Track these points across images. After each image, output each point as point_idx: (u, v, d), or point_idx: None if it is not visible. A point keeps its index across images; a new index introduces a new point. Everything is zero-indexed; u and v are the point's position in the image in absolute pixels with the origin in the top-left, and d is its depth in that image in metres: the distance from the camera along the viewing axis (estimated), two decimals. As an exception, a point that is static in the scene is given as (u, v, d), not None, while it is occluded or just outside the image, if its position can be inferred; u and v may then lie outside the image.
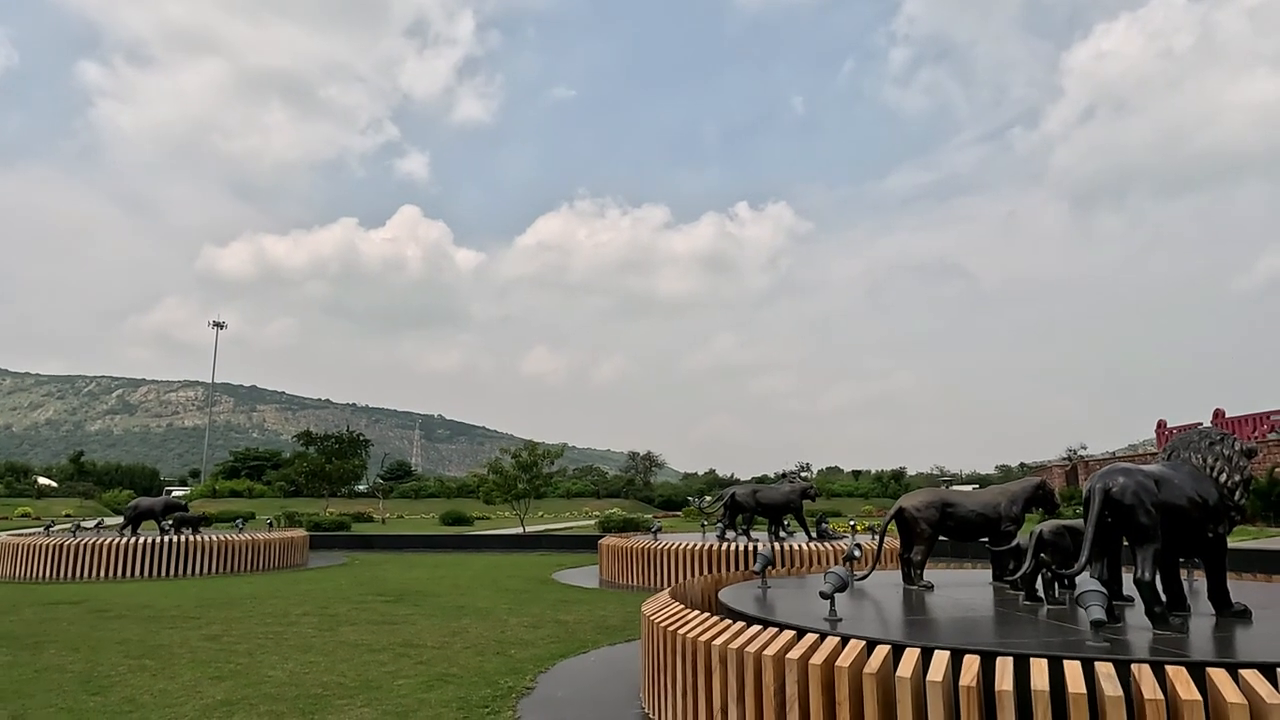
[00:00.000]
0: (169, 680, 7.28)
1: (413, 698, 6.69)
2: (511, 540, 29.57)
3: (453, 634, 9.71)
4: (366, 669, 7.75)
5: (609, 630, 10.07)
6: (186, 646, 8.85)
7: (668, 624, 5.91)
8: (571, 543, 28.76)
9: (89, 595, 13.47)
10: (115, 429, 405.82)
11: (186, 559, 17.91)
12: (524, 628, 10.20)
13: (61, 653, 8.52)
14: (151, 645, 8.91)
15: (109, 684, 7.14)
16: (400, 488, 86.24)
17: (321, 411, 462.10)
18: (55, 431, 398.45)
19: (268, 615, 11.12)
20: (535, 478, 33.62)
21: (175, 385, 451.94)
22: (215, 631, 9.78)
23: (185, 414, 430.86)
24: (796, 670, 4.66)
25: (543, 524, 48.88)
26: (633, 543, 15.83)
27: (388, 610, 11.67)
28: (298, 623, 10.51)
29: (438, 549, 27.15)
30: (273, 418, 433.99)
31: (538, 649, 8.84)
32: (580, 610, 11.73)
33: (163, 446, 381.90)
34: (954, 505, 7.78)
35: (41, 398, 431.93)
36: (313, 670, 7.69)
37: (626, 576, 15.75)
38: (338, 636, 9.52)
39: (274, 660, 8.14)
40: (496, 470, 33.92)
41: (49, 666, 7.86)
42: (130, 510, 20.01)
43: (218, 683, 7.18)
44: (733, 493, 16.62)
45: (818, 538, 16.04)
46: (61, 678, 7.40)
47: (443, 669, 7.79)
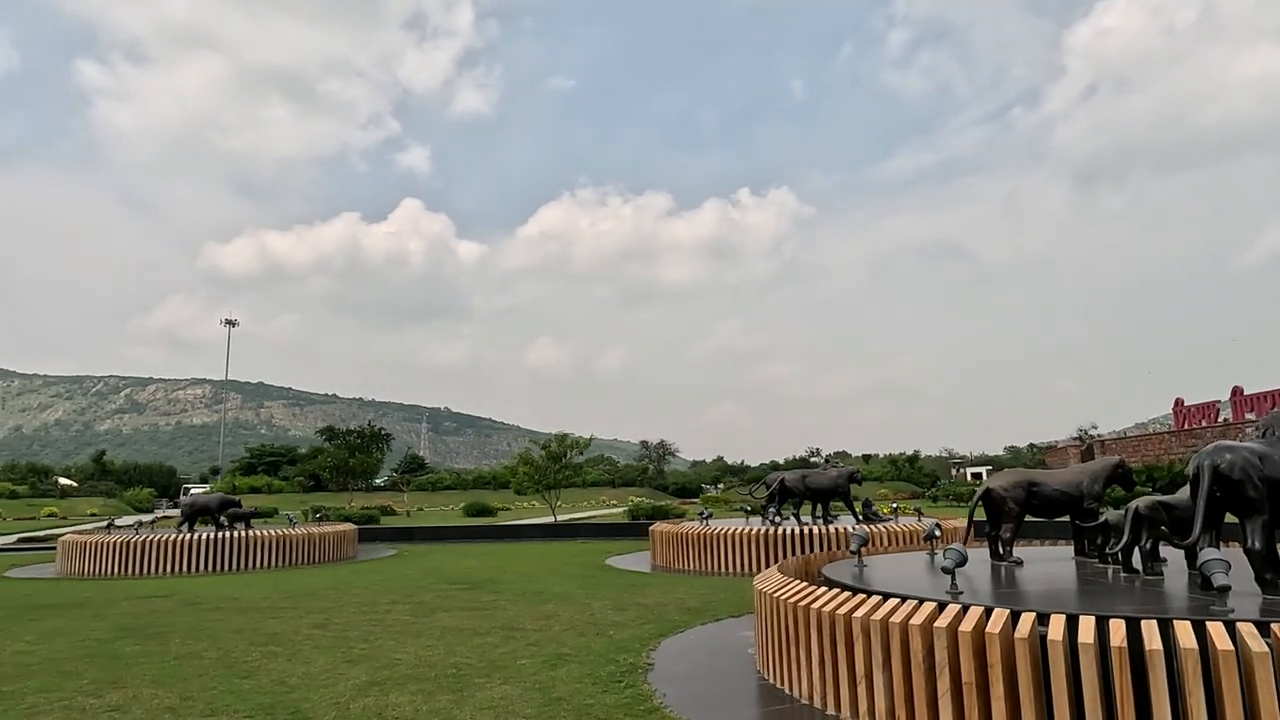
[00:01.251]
0: (305, 664, 7.71)
1: (543, 675, 7.12)
2: (547, 529, 30.04)
3: (545, 617, 10.14)
4: (484, 651, 8.18)
5: (691, 611, 10.49)
6: (301, 634, 9.30)
7: (797, 600, 6.32)
8: (608, 530, 29.26)
9: (173, 589, 13.95)
10: (124, 428, 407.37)
11: (247, 553, 18.41)
12: (609, 611, 10.63)
13: (186, 642, 8.97)
14: (268, 634, 9.36)
15: (251, 669, 7.57)
16: (417, 480, 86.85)
17: (329, 406, 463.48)
18: (65, 432, 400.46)
19: (358, 605, 11.57)
20: (564, 468, 34.12)
21: (183, 383, 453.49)
22: (319, 620, 10.22)
23: (193, 411, 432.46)
24: (945, 637, 5.06)
25: (566, 513, 49.37)
26: (687, 529, 16.25)
27: (471, 597, 12.11)
28: (391, 610, 10.95)
29: (477, 539, 27.64)
30: (280, 413, 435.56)
31: (633, 630, 9.26)
32: (654, 594, 12.16)
33: (172, 444, 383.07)
34: (1039, 485, 8.17)
35: (50, 398, 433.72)
36: (434, 653, 8.12)
37: (682, 561, 16.18)
38: (437, 622, 9.96)
39: (392, 645, 8.58)
40: (527, 461, 34.42)
41: (183, 654, 8.30)
42: (187, 507, 20.50)
43: (353, 666, 7.61)
44: (782, 478, 17.03)
45: (864, 520, 16.45)
46: (202, 664, 7.84)
47: (554, 649, 8.22)
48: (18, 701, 6.57)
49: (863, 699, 5.53)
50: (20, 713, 6.25)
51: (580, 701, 6.26)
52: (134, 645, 8.83)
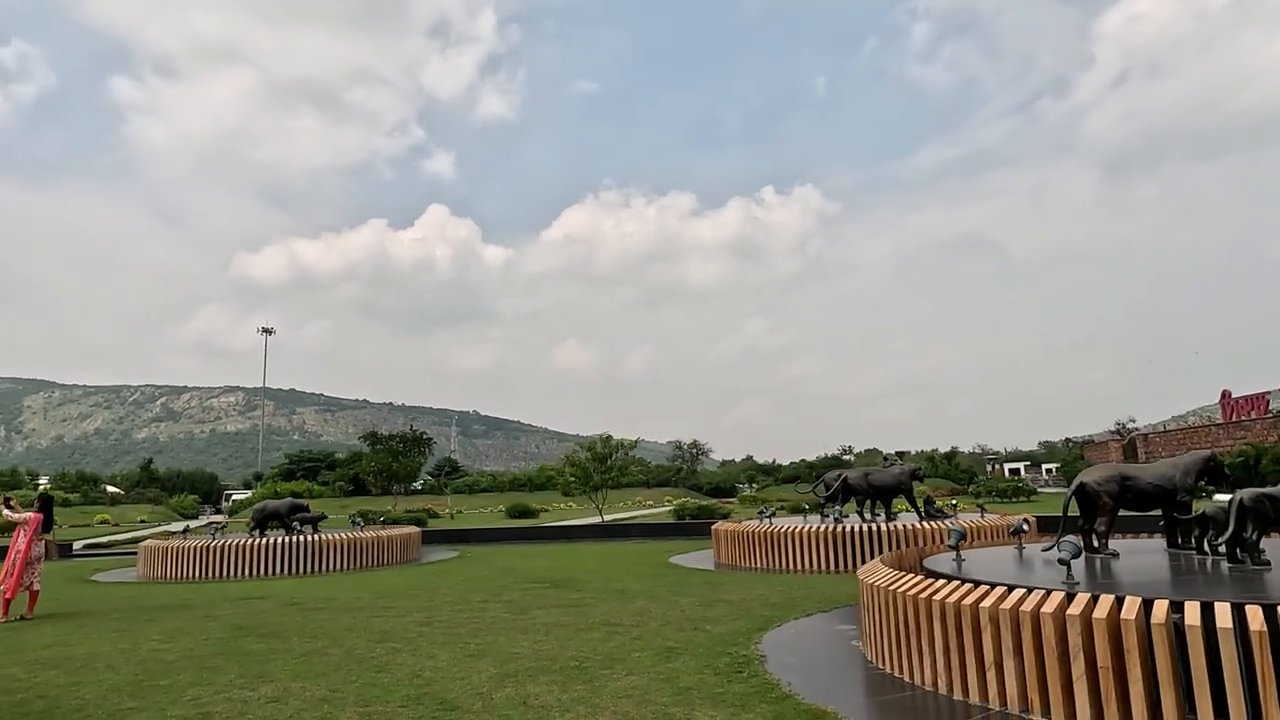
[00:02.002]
0: (430, 659, 8.11)
1: (661, 667, 7.45)
2: (598, 529, 30.45)
3: (639, 614, 10.49)
4: (594, 645, 8.53)
5: (777, 607, 10.78)
6: (411, 631, 9.72)
7: (917, 592, 6.60)
8: (656, 530, 29.62)
9: (267, 591, 14.49)
10: (161, 436, 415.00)
11: (319, 556, 18.99)
12: (697, 607, 10.95)
13: (305, 640, 9.43)
14: (380, 631, 9.80)
15: (381, 664, 7.99)
16: (453, 483, 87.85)
17: (359, 411, 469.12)
18: (104, 440, 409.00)
19: (452, 604, 11.99)
20: (610, 469, 34.53)
21: (216, 391, 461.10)
22: (423, 619, 10.65)
23: (227, 419, 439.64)
24: (1080, 625, 5.32)
25: (605, 514, 49.76)
26: (753, 527, 16.53)
27: (558, 595, 12.50)
28: (486, 608, 11.36)
29: (531, 540, 28.11)
30: (312, 419, 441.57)
31: (728, 625, 9.57)
32: (733, 591, 12.47)
33: (207, 451, 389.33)
34: (1132, 479, 8.36)
35: (90, 408, 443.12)
36: (548, 647, 8.49)
37: (747, 559, 16.46)
38: (535, 619, 10.34)
39: (503, 640, 8.96)
40: (573, 463, 34.90)
41: (309, 651, 8.75)
42: (258, 512, 21.16)
43: (476, 660, 8.00)
44: (845, 476, 17.25)
45: (927, 517, 16.63)
46: (330, 660, 8.27)
47: (660, 644, 8.55)
48: (180, 694, 7.02)
49: (992, 684, 5.80)
50: (187, 704, 6.70)
51: (710, 690, 6.59)
52: (258, 643, 9.30)
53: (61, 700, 6.99)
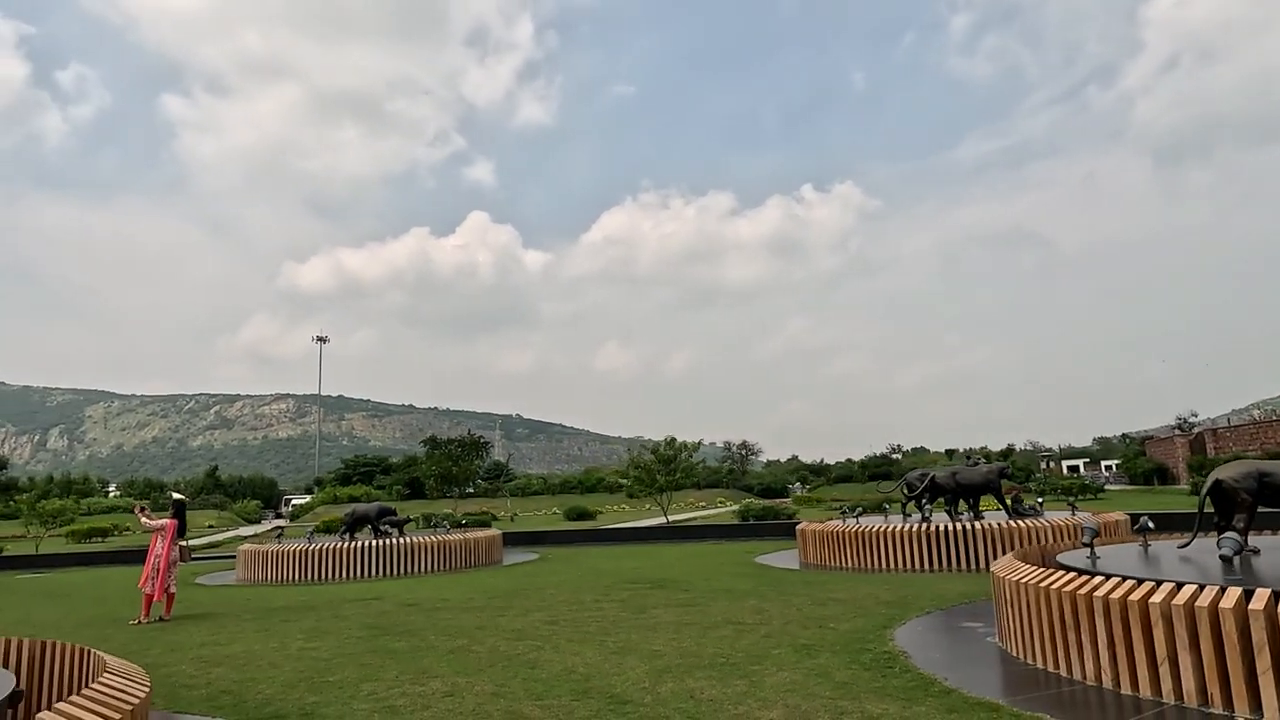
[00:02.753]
0: (576, 655, 8.41)
1: (807, 663, 7.64)
2: (668, 531, 30.71)
3: (756, 613, 10.69)
4: (729, 642, 8.75)
5: (892, 605, 10.89)
6: (542, 630, 10.05)
7: (1075, 588, 6.70)
8: (724, 531, 29.75)
9: (379, 592, 14.99)
10: (216, 443, 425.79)
11: (412, 558, 19.53)
12: (811, 605, 11.11)
13: (444, 638, 9.81)
14: (512, 630, 10.15)
15: (530, 660, 8.31)
16: (507, 486, 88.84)
17: (406, 416, 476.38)
18: (162, 449, 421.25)
19: (566, 603, 12.32)
20: (675, 471, 34.77)
21: (267, 399, 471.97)
22: (546, 618, 10.99)
23: (278, 425, 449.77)
24: (1264, 619, 5.39)
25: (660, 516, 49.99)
26: (843, 527, 16.62)
27: (667, 595, 12.76)
28: (603, 608, 11.66)
29: (605, 542, 28.46)
30: (360, 424, 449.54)
31: (850, 623, 9.72)
32: (839, 590, 12.60)
33: (260, 458, 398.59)
34: (1270, 475, 8.31)
35: (147, 417, 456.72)
36: (685, 644, 8.73)
37: (837, 559, 16.54)
38: (658, 617, 10.60)
39: (637, 638, 9.23)
40: (638, 465, 35.21)
41: (454, 649, 9.11)
42: (349, 516, 21.82)
43: (622, 656, 8.28)
44: (932, 475, 17.23)
45: (1016, 515, 16.53)
46: (478, 657, 8.62)
47: (792, 640, 8.74)
48: (354, 689, 7.41)
49: (1166, 679, 5.89)
50: (366, 698, 7.07)
51: (868, 685, 6.76)
52: (399, 642, 9.71)
53: (245, 695, 7.43)
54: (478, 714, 6.42)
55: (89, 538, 44.88)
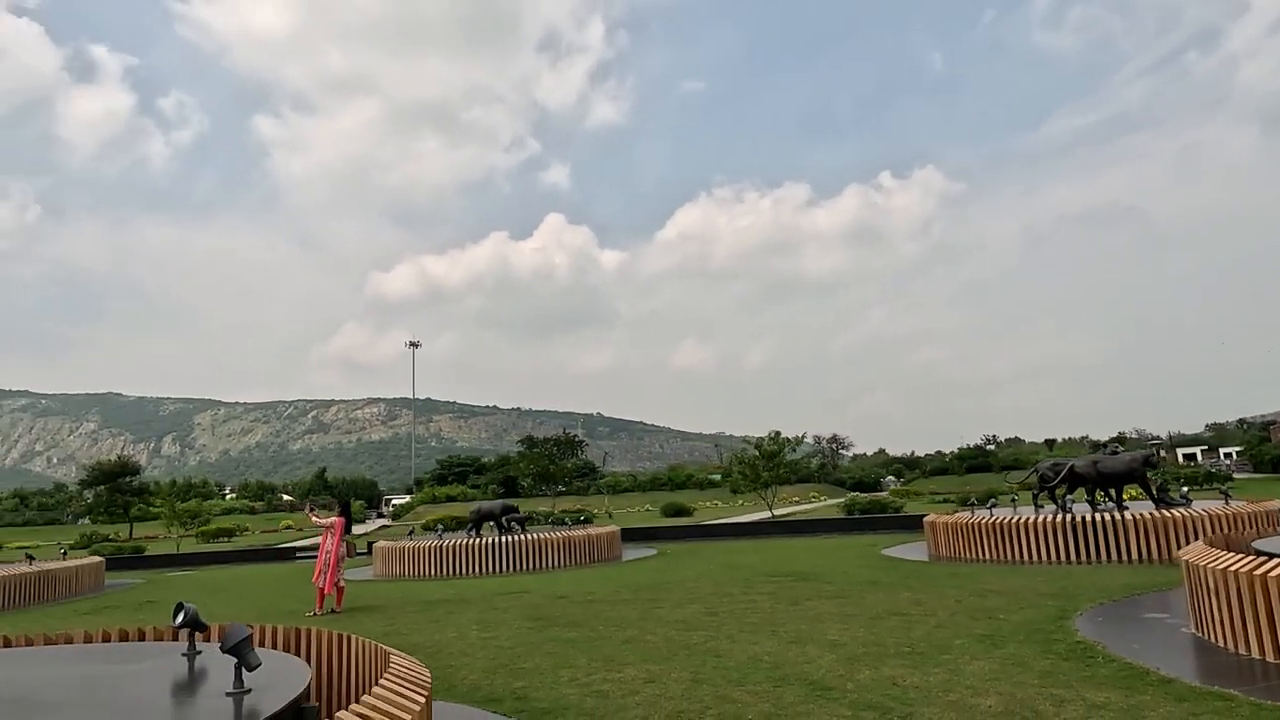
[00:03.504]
0: (753, 645, 8.57)
1: (996, 652, 7.59)
2: (776, 525, 30.66)
3: (915, 604, 10.64)
4: (903, 632, 8.76)
5: (1055, 596, 10.66)
6: (703, 621, 10.25)
7: (1299, 576, 6.48)
8: (836, 526, 29.52)
9: (522, 587, 15.52)
10: (313, 447, 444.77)
11: (539, 553, 20.09)
12: (970, 598, 10.98)
13: (611, 629, 10.12)
14: (674, 620, 10.39)
15: (711, 649, 8.50)
16: (597, 484, 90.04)
17: (490, 417, 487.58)
18: (264, 453, 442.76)
19: (715, 595, 12.52)
20: (779, 465, 34.65)
21: (360, 403, 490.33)
22: (702, 609, 11.19)
23: (370, 429, 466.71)
24: None
25: (758, 511, 49.84)
26: (978, 519, 16.31)
27: (813, 588, 12.81)
28: (755, 600, 11.80)
29: (714, 537, 28.64)
30: (447, 426, 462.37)
31: (1021, 614, 9.56)
32: (990, 582, 12.40)
33: (355, 460, 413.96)
34: None
35: (250, 423, 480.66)
36: (860, 634, 8.78)
37: (971, 551, 16.23)
38: (816, 609, 10.67)
39: (805, 629, 9.33)
40: (741, 460, 35.25)
41: (629, 639, 9.39)
42: (474, 514, 22.60)
43: (801, 645, 8.39)
44: (1072, 464, 16.73)
45: (1162, 505, 15.89)
46: (655, 646, 8.86)
47: (969, 631, 8.68)
48: (554, 675, 7.74)
49: None
50: (568, 684, 7.39)
51: (1074, 673, 6.69)
52: (570, 632, 10.07)
53: (452, 680, 7.86)
54: (687, 698, 6.64)
55: (216, 537, 47.73)
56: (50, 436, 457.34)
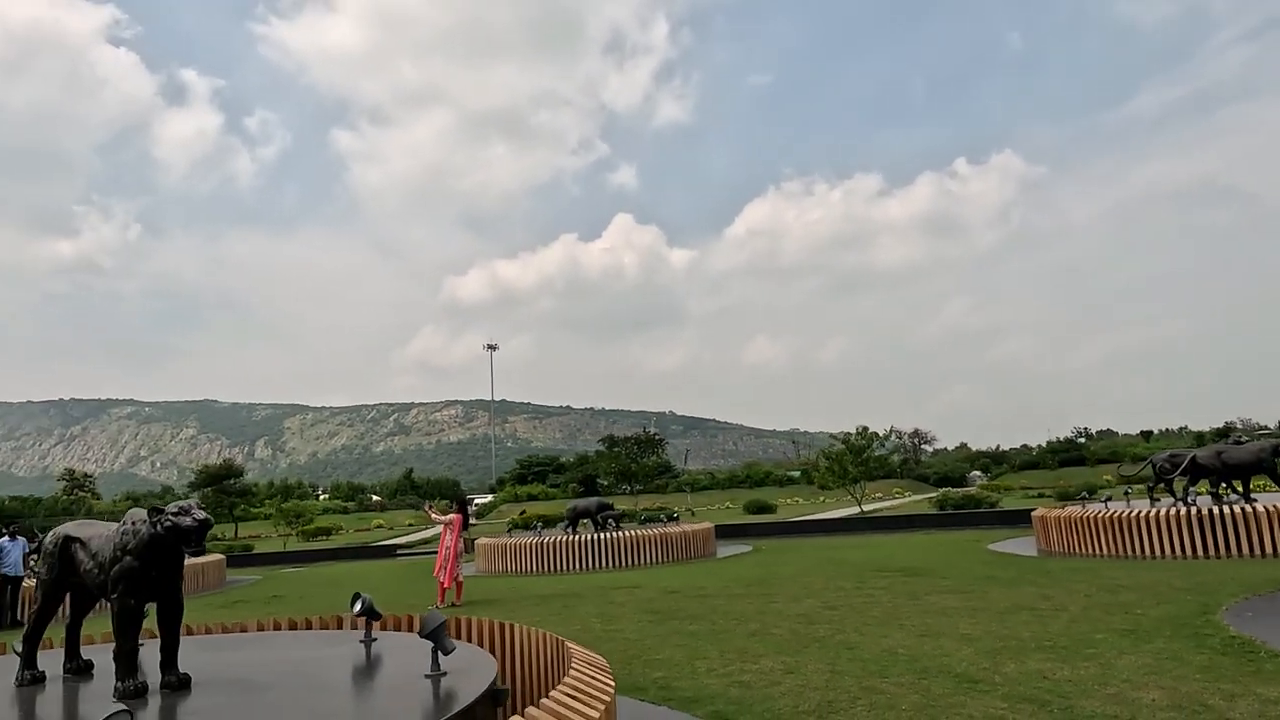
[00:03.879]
0: (883, 639, 8.55)
1: (1145, 646, 7.39)
2: (868, 521, 30.26)
3: (1043, 599, 10.42)
4: (1039, 626, 8.60)
5: (1191, 591, 10.29)
6: (825, 614, 10.27)
7: None
8: (930, 521, 28.99)
9: (635, 581, 15.75)
10: (396, 449, 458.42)
11: (636, 550, 20.34)
12: (1100, 592, 10.70)
13: (732, 622, 10.23)
14: (794, 615, 10.44)
15: (842, 641, 8.53)
16: (675, 482, 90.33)
17: (564, 418, 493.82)
18: (350, 454, 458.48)
19: (828, 590, 12.50)
20: (867, 461, 34.17)
21: (439, 405, 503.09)
22: (819, 604, 11.21)
23: (449, 430, 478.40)
24: None
25: (843, 507, 49.20)
26: (1094, 513, 15.82)
27: (929, 582, 12.66)
28: (872, 594, 11.74)
29: (805, 534, 28.49)
30: (522, 427, 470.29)
31: (1160, 609, 9.26)
32: (1118, 576, 12.05)
33: (435, 461, 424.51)
34: None
35: (336, 427, 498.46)
36: (994, 628, 8.66)
37: (1085, 546, 15.73)
38: (938, 603, 10.55)
39: (930, 622, 9.25)
40: (829, 455, 34.90)
41: (754, 632, 9.48)
42: (570, 511, 23.03)
43: (935, 639, 8.34)
44: (1194, 455, 16.05)
45: (1294, 496, 15.09)
46: (782, 639, 8.93)
47: (1109, 625, 8.46)
48: (691, 667, 7.90)
49: None
50: (709, 674, 7.52)
51: (1239, 669, 6.46)
52: (693, 625, 10.22)
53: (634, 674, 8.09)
54: (832, 688, 6.70)
55: (316, 536, 49.80)
56: (154, 442, 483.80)
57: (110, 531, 5.01)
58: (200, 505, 4.80)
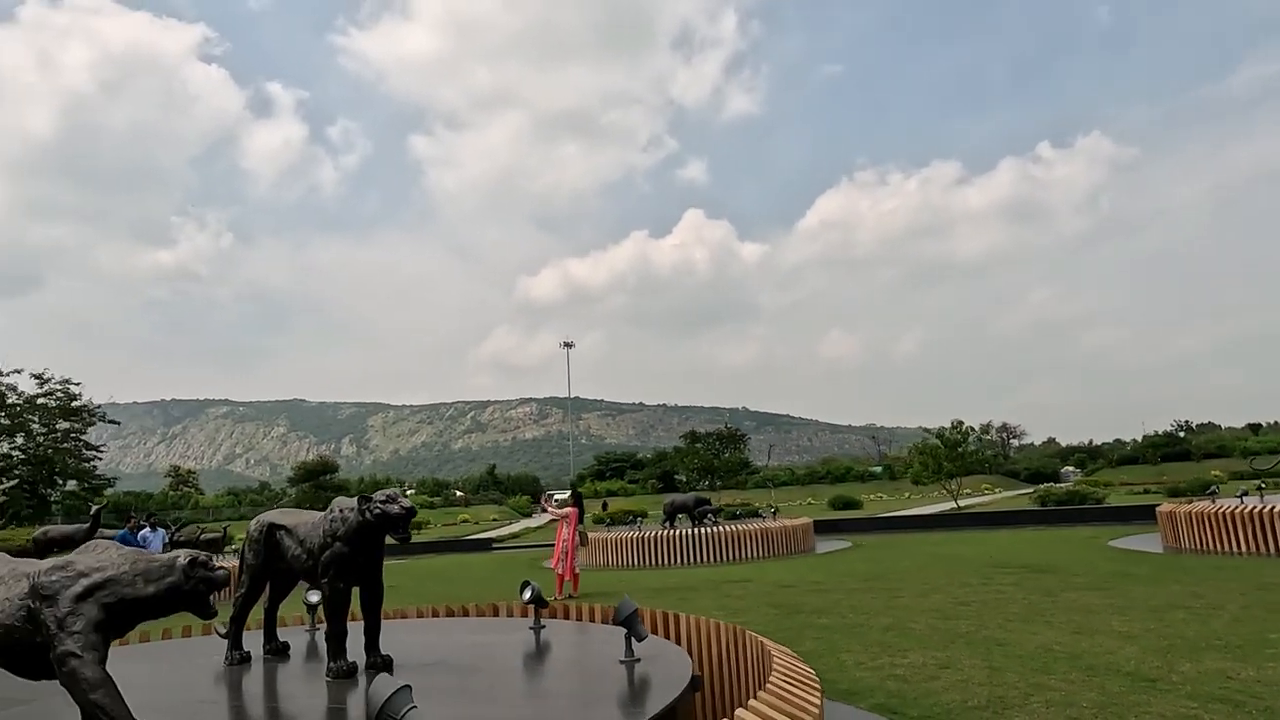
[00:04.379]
0: (1033, 635, 8.29)
1: (1330, 649, 6.99)
2: (966, 518, 29.47)
3: (1194, 597, 9.95)
4: (1199, 625, 8.21)
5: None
6: (958, 611, 10.04)
7: None
8: (1042, 517, 28.06)
9: (741, 575, 15.73)
10: (473, 446, 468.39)
11: (737, 545, 20.27)
12: (1254, 590, 10.15)
13: (860, 616, 10.09)
14: (928, 609, 10.23)
15: (989, 638, 8.31)
16: (753, 478, 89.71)
17: (637, 414, 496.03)
18: (430, 452, 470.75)
19: (953, 585, 12.21)
20: (962, 455, 33.27)
21: (514, 403, 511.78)
22: (948, 599, 10.95)
23: (524, 428, 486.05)
24: None
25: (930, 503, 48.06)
26: (1230, 508, 15.04)
27: (1059, 579, 12.23)
28: (1002, 590, 11.42)
29: (900, 530, 27.91)
30: (596, 424, 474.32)
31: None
32: (1269, 575, 11.44)
33: (510, 458, 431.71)
34: None
35: (416, 425, 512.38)
36: (1146, 624, 8.30)
37: (1218, 543, 14.95)
38: (1076, 600, 10.18)
39: (1082, 620, 8.92)
40: (922, 451, 34.13)
41: (888, 626, 9.35)
42: (668, 506, 23.15)
43: (1088, 637, 8.05)
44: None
45: None
46: (921, 635, 8.77)
47: (1277, 626, 8.04)
48: (836, 659, 7.82)
49: None
50: (857, 667, 7.43)
51: None
52: (824, 619, 10.11)
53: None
54: (996, 684, 6.54)
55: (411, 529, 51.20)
56: (247, 440, 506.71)
57: (316, 519, 5.27)
58: (405, 494, 5.01)
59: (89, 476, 55.99)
